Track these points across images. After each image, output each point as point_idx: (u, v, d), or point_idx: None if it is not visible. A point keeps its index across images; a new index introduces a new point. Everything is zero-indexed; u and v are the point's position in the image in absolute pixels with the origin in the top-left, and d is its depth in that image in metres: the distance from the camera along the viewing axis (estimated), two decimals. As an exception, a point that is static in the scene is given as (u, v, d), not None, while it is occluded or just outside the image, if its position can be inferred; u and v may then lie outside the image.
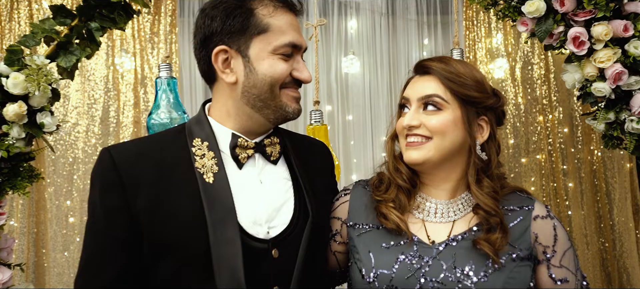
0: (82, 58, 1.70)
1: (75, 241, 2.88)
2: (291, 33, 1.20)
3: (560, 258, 1.25)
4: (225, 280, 1.09)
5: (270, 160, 1.24)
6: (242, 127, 1.22)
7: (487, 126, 1.29)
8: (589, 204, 3.27)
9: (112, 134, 2.98)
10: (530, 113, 3.31)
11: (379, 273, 1.21)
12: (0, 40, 2.79)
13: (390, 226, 1.26)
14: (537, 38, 1.72)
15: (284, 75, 1.19)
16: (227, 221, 1.12)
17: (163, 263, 1.13)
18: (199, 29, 1.21)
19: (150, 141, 1.30)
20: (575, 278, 1.26)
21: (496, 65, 3.23)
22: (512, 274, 1.18)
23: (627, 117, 1.70)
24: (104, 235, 1.14)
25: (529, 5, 1.65)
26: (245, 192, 1.18)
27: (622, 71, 1.64)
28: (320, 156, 1.43)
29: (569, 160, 3.31)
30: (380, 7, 3.38)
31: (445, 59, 1.31)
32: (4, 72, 1.58)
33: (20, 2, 2.81)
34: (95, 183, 1.16)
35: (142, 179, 1.14)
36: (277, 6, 1.19)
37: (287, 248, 1.19)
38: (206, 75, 1.24)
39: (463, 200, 1.29)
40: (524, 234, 1.24)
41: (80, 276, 1.17)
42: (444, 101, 1.24)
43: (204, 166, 1.16)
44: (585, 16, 1.64)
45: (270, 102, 1.19)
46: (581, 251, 3.17)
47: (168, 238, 1.12)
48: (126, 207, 1.12)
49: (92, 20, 1.68)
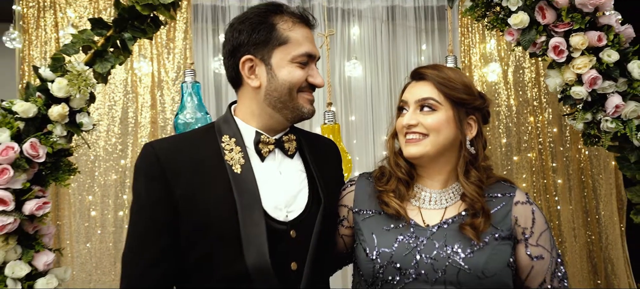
0: (115, 65, 1.88)
1: (97, 233, 3.05)
2: (307, 44, 1.37)
3: (537, 238, 1.41)
4: (253, 256, 1.26)
5: (287, 154, 1.41)
6: (264, 125, 1.39)
7: (475, 124, 1.46)
8: (577, 200, 3.36)
9: (131, 133, 3.13)
10: (521, 114, 3.41)
11: (381, 251, 1.38)
12: (28, 47, 2.95)
13: (391, 211, 1.43)
14: (522, 47, 1.90)
15: (301, 80, 1.36)
16: (254, 206, 1.29)
17: (199, 242, 1.29)
18: (228, 41, 1.38)
19: (184, 138, 1.47)
20: (550, 255, 1.42)
21: (490, 69, 3.32)
22: (494, 251, 1.34)
23: (602, 117, 1.87)
24: (148, 219, 1.30)
25: (515, 18, 1.83)
26: (267, 182, 1.35)
27: (597, 77, 1.80)
28: (329, 153, 1.60)
29: (558, 158, 3.40)
30: (381, 15, 3.44)
31: (438, 67, 1.48)
32: (48, 77, 1.76)
33: (46, 11, 2.97)
34: (140, 174, 1.32)
35: (180, 171, 1.30)
36: (295, 22, 1.37)
37: (303, 230, 1.36)
38: (233, 80, 1.41)
39: (453, 189, 1.46)
40: (506, 217, 1.40)
41: (127, 253, 1.33)
42: (438, 102, 1.41)
43: (232, 159, 1.34)
44: (564, 28, 1.80)
45: (289, 104, 1.36)
46: (569, 243, 3.29)
47: (204, 221, 1.29)
48: (168, 196, 1.28)
49: (125, 31, 1.86)
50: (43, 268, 1.77)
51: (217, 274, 1.30)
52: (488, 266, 1.32)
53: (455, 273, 1.32)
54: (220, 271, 1.29)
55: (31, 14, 2.97)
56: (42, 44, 3.00)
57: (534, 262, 1.40)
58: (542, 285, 1.41)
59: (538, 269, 1.41)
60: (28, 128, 1.74)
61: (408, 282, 1.34)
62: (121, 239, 3.08)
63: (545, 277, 1.41)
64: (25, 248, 1.74)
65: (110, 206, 3.10)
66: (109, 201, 3.10)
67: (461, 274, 1.32)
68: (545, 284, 1.41)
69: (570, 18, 1.77)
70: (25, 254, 1.73)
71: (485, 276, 1.31)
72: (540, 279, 1.41)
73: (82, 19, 3.00)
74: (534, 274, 1.41)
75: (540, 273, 1.41)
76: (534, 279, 1.42)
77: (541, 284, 1.42)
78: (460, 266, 1.32)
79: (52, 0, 2.97)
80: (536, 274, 1.41)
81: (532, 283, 1.42)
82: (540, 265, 1.41)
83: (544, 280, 1.42)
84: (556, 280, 1.43)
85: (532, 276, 1.41)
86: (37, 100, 1.75)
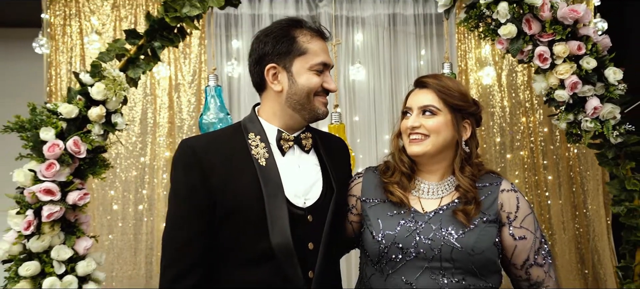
0: (146, 71, 2.09)
1: (118, 225, 3.24)
2: (323, 55, 1.56)
3: (521, 221, 1.59)
4: (277, 236, 1.45)
5: (304, 150, 1.60)
6: (285, 124, 1.58)
7: (470, 127, 1.65)
8: (566, 195, 3.51)
9: (150, 133, 3.31)
10: (514, 115, 3.56)
11: (386, 233, 1.57)
12: (55, 53, 3.14)
13: (395, 200, 1.62)
14: (510, 54, 2.10)
15: (317, 86, 1.55)
16: (277, 194, 1.48)
17: (229, 224, 1.48)
18: (254, 50, 1.57)
19: (216, 136, 1.67)
20: (534, 236, 1.60)
21: (484, 72, 3.47)
22: (482, 233, 1.54)
23: (582, 118, 2.07)
24: (186, 204, 1.49)
25: (504, 29, 2.03)
26: (288, 173, 1.54)
27: (577, 81, 2.00)
28: (340, 149, 1.79)
29: (548, 156, 3.55)
30: (383, 22, 3.56)
31: (438, 77, 1.67)
32: (88, 82, 1.96)
33: (71, 19, 3.17)
34: (178, 165, 1.50)
35: (214, 164, 1.49)
36: (313, 35, 1.56)
37: (318, 215, 1.55)
38: (258, 85, 1.61)
39: (449, 182, 1.66)
40: (493, 203, 1.59)
41: (168, 234, 1.51)
42: (438, 108, 1.60)
43: (258, 153, 1.53)
44: (548, 38, 2.00)
45: (307, 106, 1.55)
46: (559, 235, 3.45)
47: (235, 206, 1.47)
48: (204, 184, 1.47)
49: (155, 40, 2.07)
50: (83, 252, 1.96)
51: (245, 251, 1.48)
52: (477, 245, 1.51)
53: (449, 251, 1.51)
54: (248, 248, 1.48)
55: (58, 22, 3.16)
56: (68, 50, 3.18)
57: (517, 242, 1.58)
58: (526, 262, 1.59)
59: (521, 248, 1.59)
60: (70, 127, 1.94)
61: (409, 260, 1.53)
62: (141, 231, 3.27)
63: (529, 255, 1.59)
64: (67, 234, 1.94)
65: (131, 200, 3.28)
66: (130, 196, 3.28)
67: (454, 252, 1.51)
68: (529, 261, 1.59)
69: (553, 29, 1.98)
70: (68, 239, 1.93)
71: (474, 253, 1.51)
72: (524, 256, 1.59)
73: (105, 27, 3.19)
74: (518, 252, 1.59)
75: (524, 252, 1.59)
76: (518, 257, 1.59)
77: (525, 261, 1.59)
78: (453, 245, 1.51)
79: (77, 10, 3.17)
80: (520, 253, 1.59)
81: (517, 261, 1.60)
82: (523, 244, 1.58)
83: (528, 258, 1.59)
84: (540, 257, 1.61)
85: (516, 254, 1.59)
86: (78, 102, 1.95)
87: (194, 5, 2.01)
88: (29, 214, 1.84)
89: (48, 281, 1.85)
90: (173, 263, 1.48)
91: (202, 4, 2.02)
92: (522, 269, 1.61)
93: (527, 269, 1.60)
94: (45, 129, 1.89)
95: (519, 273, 1.62)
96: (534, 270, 1.60)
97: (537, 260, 1.60)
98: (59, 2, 3.16)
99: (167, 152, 3.34)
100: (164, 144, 3.36)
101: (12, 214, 1.88)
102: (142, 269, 3.26)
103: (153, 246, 3.28)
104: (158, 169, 3.34)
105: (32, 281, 1.86)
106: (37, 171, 1.87)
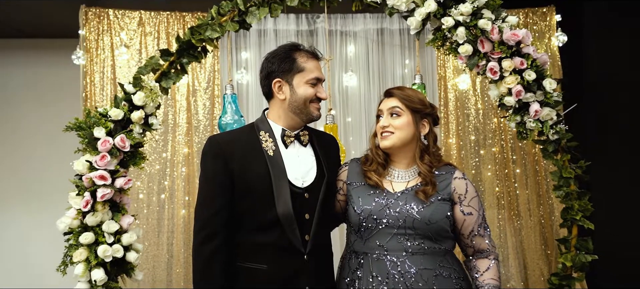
0: (176, 82, 2.56)
1: (144, 211, 3.61)
2: (316, 71, 1.98)
3: (468, 201, 1.96)
4: (282, 207, 1.86)
5: (302, 144, 2.01)
6: (287, 125, 2.00)
7: (428, 125, 2.05)
8: (532, 185, 3.82)
9: (170, 132, 3.67)
10: (487, 116, 3.87)
11: (364, 208, 1.97)
12: (90, 63, 3.52)
13: (372, 183, 2.02)
14: (469, 68, 2.53)
15: (312, 95, 1.96)
16: (282, 177, 1.90)
17: (246, 199, 1.89)
18: (264, 68, 2.00)
19: (235, 133, 2.09)
20: (478, 214, 1.99)
21: (461, 79, 3.76)
22: (437, 208, 1.91)
23: (527, 119, 2.46)
24: (214, 183, 1.89)
25: (462, 48, 2.44)
26: (289, 161, 1.95)
27: (521, 90, 2.40)
28: (330, 144, 2.20)
29: (516, 152, 3.85)
30: (372, 36, 3.80)
31: (402, 88, 2.07)
32: (131, 91, 2.43)
33: (104, 34, 3.54)
34: (207, 156, 1.92)
35: (234, 154, 1.90)
36: (309, 56, 1.98)
37: (313, 193, 1.93)
38: (266, 94, 2.03)
39: (414, 169, 2.04)
40: (447, 187, 1.96)
41: (199, 207, 1.93)
42: (402, 110, 2.00)
43: (267, 146, 1.95)
44: (498, 55, 2.40)
45: (304, 110, 1.97)
46: (525, 220, 3.76)
47: (250, 186, 1.88)
48: (226, 168, 1.88)
49: (183, 57, 2.52)
50: (126, 227, 2.40)
51: (257, 219, 1.88)
52: (432, 217, 1.90)
53: (412, 221, 1.90)
54: (259, 217, 1.87)
55: (93, 38, 3.51)
56: (101, 61, 3.54)
57: (465, 216, 1.96)
58: (471, 233, 1.99)
59: (469, 222, 1.97)
60: (116, 127, 2.39)
61: (381, 228, 1.93)
62: (163, 216, 3.64)
63: (474, 227, 1.97)
64: (114, 212, 2.39)
65: (154, 190, 3.64)
66: (154, 186, 3.64)
67: (415, 222, 1.90)
68: (473, 232, 1.99)
69: (500, 49, 2.40)
70: (116, 216, 2.37)
71: (431, 222, 1.90)
72: (470, 228, 1.97)
73: (132, 40, 3.57)
74: (466, 225, 1.97)
75: (471, 225, 1.97)
76: (466, 229, 1.98)
77: (471, 232, 1.98)
78: (414, 217, 1.90)
79: (108, 26, 3.54)
80: (467, 225, 1.97)
81: (465, 231, 1.98)
82: (470, 219, 1.97)
83: (473, 230, 1.97)
84: (482, 229, 2.01)
85: (464, 226, 1.97)
86: (123, 107, 2.42)
87: (215, 29, 2.48)
88: (86, 195, 2.29)
89: (101, 249, 2.29)
90: (203, 228, 1.88)
91: (221, 28, 2.50)
92: (468, 238, 2.00)
93: (472, 238, 1.99)
94: (97, 128, 2.34)
95: (466, 241, 2.02)
96: (476, 239, 1.99)
97: (479, 232, 1.99)
98: (93, 20, 3.52)
99: (186, 149, 3.68)
100: (183, 141, 3.69)
101: (72, 196, 2.33)
102: (164, 249, 3.62)
103: (173, 230, 3.62)
104: (178, 163, 3.67)
105: (88, 248, 2.32)
106: (92, 161, 2.33)
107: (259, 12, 2.46)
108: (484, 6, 2.42)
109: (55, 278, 2.37)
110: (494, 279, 1.99)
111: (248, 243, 1.91)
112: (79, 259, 2.29)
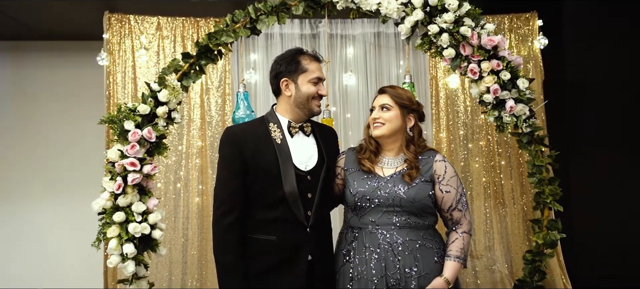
0: (195, 81, 2.89)
1: (161, 200, 3.86)
2: (318, 72, 2.27)
3: (447, 180, 2.20)
4: (288, 187, 2.13)
5: (306, 134, 2.29)
6: (293, 117, 2.27)
7: (413, 119, 2.32)
8: (515, 176, 4.06)
9: (185, 126, 3.93)
10: (475, 113, 4.09)
11: (358, 190, 2.25)
12: (113, 64, 3.79)
13: (365, 169, 2.29)
14: (452, 69, 2.86)
15: (314, 93, 2.24)
16: (288, 161, 2.17)
17: (258, 181, 2.15)
18: (273, 69, 2.29)
19: (248, 125, 2.37)
20: (456, 191, 2.23)
21: (451, 78, 3.96)
22: (420, 188, 2.17)
23: (503, 114, 2.76)
24: (230, 167, 2.16)
25: (446, 52, 2.74)
26: (294, 149, 2.23)
27: (498, 88, 2.69)
28: (330, 134, 2.47)
29: (502, 145, 4.09)
30: (370, 39, 3.99)
31: (393, 86, 2.34)
32: (156, 89, 2.75)
33: (125, 38, 3.82)
34: (225, 144, 2.20)
35: (247, 143, 2.17)
36: (311, 59, 2.27)
37: (315, 176, 2.17)
38: (275, 91, 2.32)
39: (401, 157, 2.31)
40: (429, 169, 2.25)
41: (218, 187, 2.20)
42: (391, 105, 2.29)
43: (275, 136, 2.23)
44: (477, 58, 2.70)
45: (307, 106, 2.25)
46: (510, 208, 3.99)
47: (261, 169, 2.15)
48: (241, 155, 2.15)
49: (201, 59, 2.85)
50: (152, 208, 2.72)
51: (267, 198, 2.12)
52: (416, 196, 2.15)
53: (399, 200, 2.15)
54: (269, 196, 2.11)
55: (115, 41, 3.78)
56: (123, 62, 3.80)
57: (444, 194, 2.21)
58: (450, 208, 2.23)
59: (448, 198, 2.21)
60: (144, 121, 2.70)
61: (373, 206, 2.19)
62: (179, 204, 3.90)
63: (452, 203, 2.21)
64: (142, 194, 2.72)
65: (171, 179, 3.90)
66: (170, 176, 3.90)
67: (402, 200, 2.15)
68: (452, 207, 2.23)
69: (479, 52, 2.73)
70: (143, 198, 2.70)
71: (415, 201, 2.16)
72: (449, 204, 2.21)
73: (151, 43, 3.84)
74: (446, 201, 2.21)
75: (449, 201, 2.21)
76: (445, 204, 2.22)
77: (449, 207, 2.22)
78: (401, 196, 2.15)
79: (129, 30, 3.82)
80: (447, 201, 2.21)
81: (445, 206, 2.22)
82: (449, 196, 2.21)
83: (452, 205, 2.21)
84: (460, 204, 2.26)
85: (444, 202, 2.22)
86: (149, 103, 2.76)
87: (229, 35, 2.81)
88: (118, 179, 2.63)
89: (131, 226, 2.60)
90: (222, 205, 2.16)
91: (235, 33, 2.84)
92: (447, 212, 2.25)
93: (451, 212, 2.25)
94: (128, 121, 2.67)
95: (445, 215, 2.28)
96: (455, 213, 2.25)
97: (457, 207, 2.26)
98: (116, 25, 3.80)
99: (199, 142, 3.92)
100: (197, 135, 3.93)
101: (106, 180, 2.66)
102: (180, 233, 3.88)
103: (188, 216, 3.88)
104: (192, 155, 3.92)
105: (119, 226, 2.65)
106: (123, 150, 2.67)
107: (268, 20, 2.79)
108: (465, 15, 2.74)
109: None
110: (458, 250, 2.24)
111: (259, 218, 2.15)
112: (112, 235, 2.62)
